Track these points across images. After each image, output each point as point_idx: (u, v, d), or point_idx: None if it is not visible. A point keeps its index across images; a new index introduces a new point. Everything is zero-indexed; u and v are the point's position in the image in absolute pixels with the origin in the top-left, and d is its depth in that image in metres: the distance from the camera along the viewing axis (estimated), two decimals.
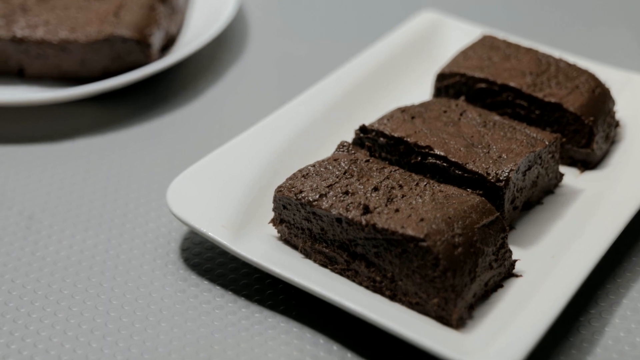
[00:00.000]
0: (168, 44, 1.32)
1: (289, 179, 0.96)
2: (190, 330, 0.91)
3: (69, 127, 1.22)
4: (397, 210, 0.89)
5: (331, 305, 0.90)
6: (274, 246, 0.96)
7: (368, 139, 1.03)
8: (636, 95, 1.16)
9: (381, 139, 1.02)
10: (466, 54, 1.15)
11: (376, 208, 0.90)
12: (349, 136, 1.08)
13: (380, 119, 1.04)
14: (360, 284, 0.92)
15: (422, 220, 0.87)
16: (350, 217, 0.89)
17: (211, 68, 1.35)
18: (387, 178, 0.94)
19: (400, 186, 0.93)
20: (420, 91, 1.20)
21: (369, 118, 1.11)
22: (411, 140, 1.00)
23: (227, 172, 1.02)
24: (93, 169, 1.14)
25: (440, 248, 0.85)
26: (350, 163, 0.96)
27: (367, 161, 0.97)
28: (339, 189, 0.93)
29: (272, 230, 0.98)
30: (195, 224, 0.95)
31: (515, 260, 0.93)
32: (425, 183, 0.93)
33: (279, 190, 0.95)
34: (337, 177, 0.95)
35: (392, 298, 0.90)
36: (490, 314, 0.88)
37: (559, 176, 1.05)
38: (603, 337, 0.90)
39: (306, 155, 1.06)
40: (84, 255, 1.01)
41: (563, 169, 1.07)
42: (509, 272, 0.92)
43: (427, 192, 0.92)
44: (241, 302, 0.94)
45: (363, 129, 1.04)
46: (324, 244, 0.93)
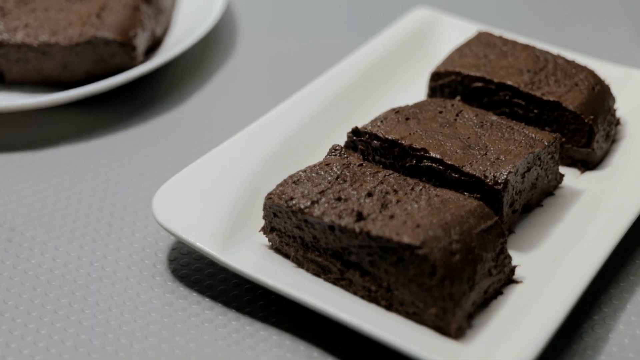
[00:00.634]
0: (154, 46, 1.29)
1: (279, 186, 0.93)
2: (178, 345, 0.88)
3: (51, 134, 1.19)
4: (392, 216, 0.87)
5: (325, 316, 0.87)
6: (264, 255, 0.93)
7: (361, 142, 1.01)
8: (636, 92, 1.14)
9: (374, 142, 0.99)
10: (462, 51, 1.12)
11: (370, 214, 0.87)
12: (342, 139, 1.05)
13: (373, 121, 1.02)
14: (354, 293, 0.89)
15: (418, 226, 0.85)
16: (343, 225, 0.87)
17: (199, 70, 1.32)
18: (381, 183, 0.91)
19: (395, 191, 0.90)
20: (415, 91, 1.18)
21: (362, 120, 1.09)
22: (406, 142, 0.97)
23: (215, 179, 1.00)
24: (77, 177, 1.12)
25: (437, 255, 0.83)
26: (343, 167, 0.94)
27: (360, 165, 0.95)
28: (331, 195, 0.90)
29: (263, 239, 0.95)
30: (183, 234, 0.92)
31: (515, 266, 0.91)
32: (420, 187, 0.91)
33: (269, 197, 0.92)
34: (329, 183, 0.92)
35: (389, 308, 0.87)
36: (490, 323, 0.86)
37: (559, 177, 1.02)
38: (607, 345, 0.88)
39: (297, 160, 1.03)
40: (68, 268, 0.98)
41: (563, 169, 1.05)
42: (508, 279, 0.90)
43: (423, 197, 0.89)
44: (231, 315, 0.92)
45: (356, 132, 1.01)
46: (317, 253, 0.90)
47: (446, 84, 1.10)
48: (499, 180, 0.92)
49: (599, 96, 1.06)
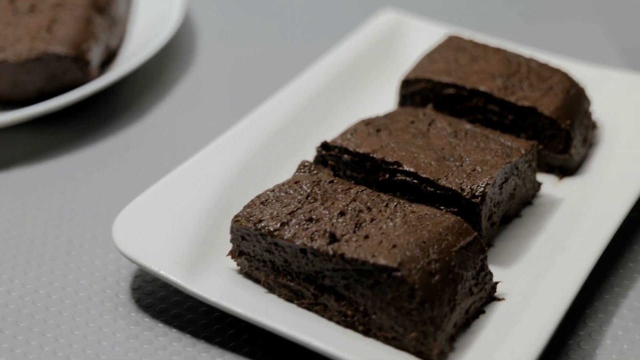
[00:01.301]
0: (108, 59, 1.25)
1: (246, 207, 0.89)
2: None
3: (2, 156, 1.14)
4: (367, 236, 0.83)
5: (300, 345, 0.83)
6: (233, 281, 0.89)
7: (331, 157, 0.97)
8: (612, 93, 1.11)
9: (345, 156, 0.96)
10: (431, 57, 1.09)
11: (344, 235, 0.83)
12: (310, 153, 1.01)
13: (343, 134, 0.98)
14: (330, 319, 0.85)
15: (395, 246, 0.81)
16: (315, 247, 0.83)
17: (157, 83, 1.28)
18: (354, 200, 0.87)
19: (369, 209, 0.86)
20: (384, 99, 1.14)
21: (331, 132, 1.05)
22: (378, 156, 0.94)
23: (179, 201, 0.95)
24: (30, 202, 1.06)
25: (416, 277, 0.79)
26: (313, 185, 0.90)
27: (331, 182, 0.91)
28: (301, 215, 0.86)
29: (231, 263, 0.91)
30: (146, 261, 0.88)
31: (496, 283, 0.87)
32: (395, 204, 0.87)
33: (236, 219, 0.88)
34: (299, 202, 0.88)
35: (366, 333, 0.84)
36: (473, 345, 0.82)
37: (537, 185, 0.99)
38: None
39: (264, 178, 0.99)
40: (24, 301, 0.92)
41: (540, 176, 1.02)
42: (490, 296, 0.87)
43: (398, 214, 0.85)
44: (201, 346, 0.87)
45: (325, 146, 0.97)
46: (289, 277, 0.86)
47: (417, 91, 1.06)
48: (477, 193, 0.89)
49: (575, 99, 1.03)
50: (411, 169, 0.92)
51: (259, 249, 0.87)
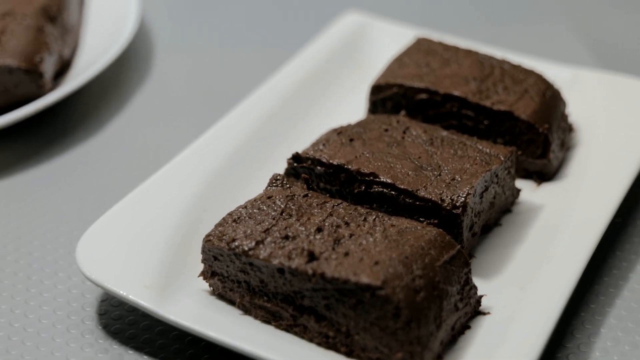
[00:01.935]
0: (62, 70, 1.20)
1: (218, 225, 0.85)
2: None
3: None
4: (347, 253, 0.79)
5: None
6: (207, 303, 0.85)
7: (303, 169, 0.93)
8: (587, 94, 1.10)
9: (318, 168, 0.92)
10: (401, 61, 1.06)
11: (322, 253, 0.80)
12: (280, 166, 0.97)
13: (314, 145, 0.94)
14: (310, 340, 0.82)
15: (377, 263, 0.78)
16: (294, 267, 0.79)
17: (114, 94, 1.23)
18: (331, 215, 0.84)
19: (347, 223, 0.83)
20: (354, 106, 1.11)
21: (301, 142, 1.02)
22: (353, 167, 0.91)
23: (145, 220, 0.91)
24: None
25: (401, 296, 0.76)
26: (287, 200, 0.86)
27: (306, 196, 0.87)
28: (277, 233, 0.82)
29: (204, 285, 0.86)
30: (112, 285, 0.83)
31: (481, 296, 0.85)
32: (374, 217, 0.84)
33: (207, 239, 0.84)
34: (274, 219, 0.84)
35: (349, 355, 0.80)
36: None
37: (516, 192, 0.97)
38: None
39: (234, 193, 0.95)
40: None
41: (518, 182, 0.99)
42: (475, 311, 0.84)
43: (378, 229, 0.82)
44: None
45: (296, 158, 0.94)
46: (265, 298, 0.82)
47: (388, 97, 1.03)
48: (457, 204, 0.86)
49: (551, 102, 1.01)
50: (388, 180, 0.88)
51: (233, 269, 0.83)
